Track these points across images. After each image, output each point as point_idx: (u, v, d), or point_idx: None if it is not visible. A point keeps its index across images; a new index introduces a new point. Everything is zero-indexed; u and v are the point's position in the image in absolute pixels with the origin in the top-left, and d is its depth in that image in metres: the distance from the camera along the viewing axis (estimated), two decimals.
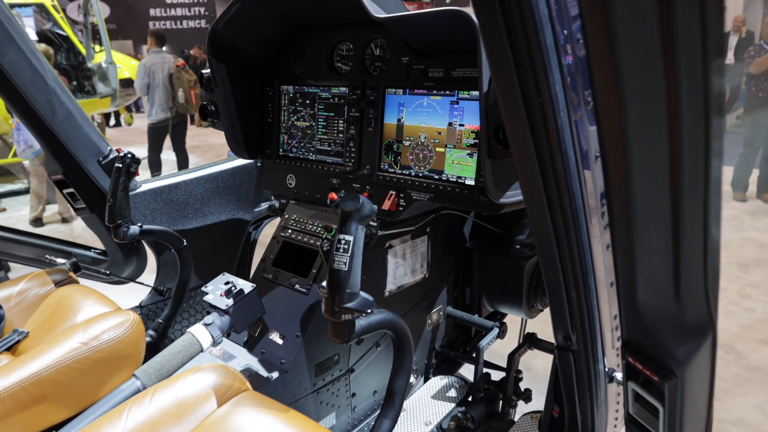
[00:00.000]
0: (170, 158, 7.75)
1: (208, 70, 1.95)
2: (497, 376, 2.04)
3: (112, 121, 13.06)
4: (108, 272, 2.37)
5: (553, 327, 1.07)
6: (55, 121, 2.01)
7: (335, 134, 1.89)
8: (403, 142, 1.70)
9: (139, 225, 1.88)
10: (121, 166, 1.79)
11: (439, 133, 1.61)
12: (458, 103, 1.56)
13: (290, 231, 1.98)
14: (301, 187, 2.02)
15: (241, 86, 1.99)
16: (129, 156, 1.82)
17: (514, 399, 1.99)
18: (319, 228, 1.92)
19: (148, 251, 2.38)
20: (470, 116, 1.54)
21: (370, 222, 1.69)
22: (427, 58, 1.63)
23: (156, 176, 4.31)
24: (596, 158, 0.80)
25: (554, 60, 0.67)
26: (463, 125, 1.56)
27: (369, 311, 1.17)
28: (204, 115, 2.05)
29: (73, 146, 2.07)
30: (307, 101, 1.96)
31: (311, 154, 1.97)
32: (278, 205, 2.26)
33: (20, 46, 1.88)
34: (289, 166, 2.04)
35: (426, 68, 1.62)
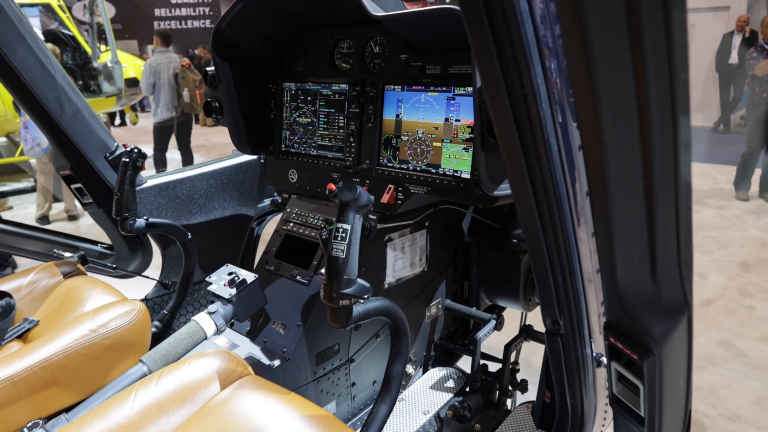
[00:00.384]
0: (175, 157, 7.82)
1: (213, 68, 2.00)
2: (495, 368, 2.09)
3: (117, 121, 13.16)
4: (114, 266, 2.43)
5: (541, 311, 1.11)
6: (63, 117, 2.07)
7: (336, 130, 1.94)
8: (402, 137, 1.75)
9: (145, 218, 1.94)
10: (128, 160, 1.84)
11: (436, 128, 1.66)
12: (454, 99, 1.61)
13: (292, 224, 2.03)
14: (303, 182, 2.07)
15: (244, 83, 2.04)
16: (136, 151, 1.87)
17: (511, 389, 2.03)
18: (320, 221, 1.97)
19: (154, 246, 2.44)
20: (466, 111, 1.59)
21: (370, 215, 1.75)
22: (425, 55, 1.68)
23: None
24: (579, 148, 0.84)
25: (535, 54, 0.72)
26: (459, 120, 1.60)
27: (366, 297, 1.21)
28: (208, 111, 2.10)
29: (80, 142, 2.12)
30: (309, 98, 2.01)
31: (312, 149, 2.02)
32: (280, 200, 2.31)
33: (30, 44, 1.94)
34: (291, 162, 2.09)
35: (423, 65, 1.67)
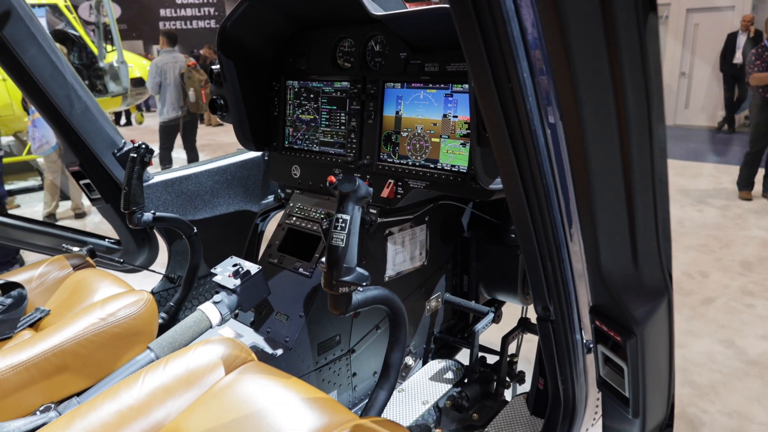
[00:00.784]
0: (180, 156, 7.89)
1: (218, 66, 2.06)
2: (494, 360, 2.13)
3: (123, 120, 13.26)
4: (122, 260, 2.49)
5: (533, 298, 1.16)
6: (73, 114, 2.13)
7: (337, 126, 1.99)
8: (401, 133, 1.79)
9: (152, 212, 1.99)
10: (136, 156, 1.90)
11: (435, 125, 1.70)
12: (452, 96, 1.65)
13: (295, 218, 2.08)
14: (306, 177, 2.12)
15: (248, 81, 2.09)
16: (143, 146, 1.93)
17: (508, 380, 2.08)
18: (322, 215, 2.02)
19: (160, 241, 2.49)
20: (463, 108, 1.63)
21: (370, 210, 1.80)
22: (424, 53, 1.72)
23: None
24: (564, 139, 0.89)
25: (521, 50, 0.76)
26: (457, 116, 1.65)
27: (365, 284, 1.26)
28: (213, 108, 2.15)
29: (89, 139, 2.18)
30: (311, 95, 2.06)
31: (315, 145, 2.07)
32: (284, 195, 2.36)
33: (41, 43, 1.99)
34: (294, 158, 2.14)
35: (422, 63, 1.72)
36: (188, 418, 1.19)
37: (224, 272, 1.69)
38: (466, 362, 2.13)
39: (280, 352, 1.74)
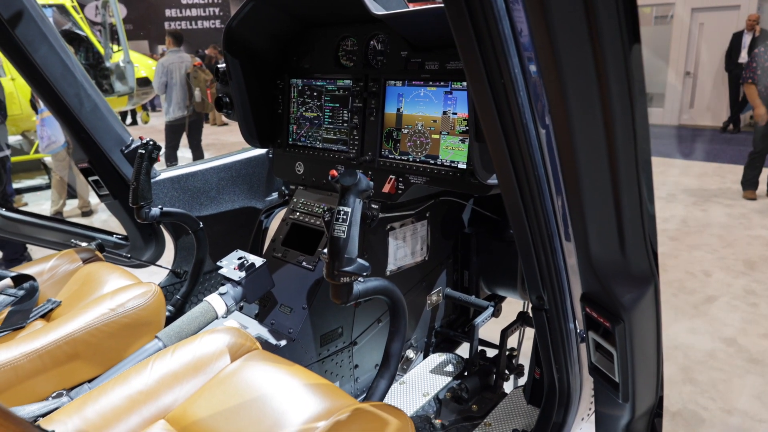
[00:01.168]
0: (186, 155, 7.96)
1: (224, 65, 2.11)
2: (493, 354, 2.17)
3: (129, 120, 13.36)
4: (129, 256, 2.54)
5: (527, 288, 1.20)
6: (82, 112, 2.18)
7: (340, 124, 2.03)
8: (402, 130, 1.83)
9: (160, 207, 2.04)
10: (144, 152, 1.95)
11: (435, 121, 1.74)
12: (452, 93, 1.69)
13: (298, 213, 2.12)
14: (309, 174, 2.16)
15: (253, 79, 2.13)
16: (151, 143, 1.98)
17: (507, 373, 2.11)
18: (325, 211, 2.06)
19: (167, 237, 2.54)
20: (462, 105, 1.67)
21: (372, 205, 1.84)
22: (424, 52, 1.76)
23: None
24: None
25: (512, 46, 0.80)
26: (456, 113, 1.69)
27: (365, 274, 1.30)
28: (219, 106, 2.20)
29: (98, 136, 2.23)
30: (315, 93, 2.10)
31: (318, 142, 2.12)
32: (287, 192, 2.40)
33: (52, 42, 2.05)
34: (298, 154, 2.18)
35: (423, 61, 1.76)
36: (195, 402, 1.24)
37: (230, 265, 1.74)
38: (467, 356, 2.17)
39: (283, 343, 1.79)
